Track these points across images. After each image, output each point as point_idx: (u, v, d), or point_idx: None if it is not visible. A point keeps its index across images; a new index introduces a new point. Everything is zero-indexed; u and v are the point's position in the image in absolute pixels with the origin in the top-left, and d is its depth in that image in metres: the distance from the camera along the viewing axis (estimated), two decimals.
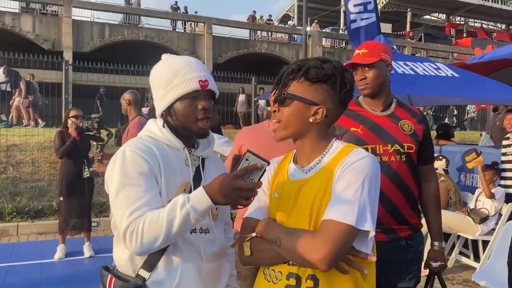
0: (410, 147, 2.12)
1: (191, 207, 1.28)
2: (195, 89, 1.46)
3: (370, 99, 2.21)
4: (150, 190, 1.36)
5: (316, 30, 25.64)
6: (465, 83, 4.24)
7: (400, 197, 2.10)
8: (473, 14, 37.61)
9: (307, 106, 1.35)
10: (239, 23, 25.57)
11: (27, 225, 6.55)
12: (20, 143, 8.64)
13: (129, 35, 20.80)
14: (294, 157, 1.48)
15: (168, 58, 1.54)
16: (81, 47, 19.50)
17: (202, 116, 1.47)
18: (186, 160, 1.50)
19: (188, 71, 1.47)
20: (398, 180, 2.10)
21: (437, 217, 2.25)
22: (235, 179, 1.25)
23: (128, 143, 1.45)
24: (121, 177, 1.37)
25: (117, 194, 1.36)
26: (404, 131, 2.13)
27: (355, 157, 1.32)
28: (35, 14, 19.69)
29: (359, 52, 2.18)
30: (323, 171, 1.36)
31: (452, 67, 4.48)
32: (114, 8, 22.23)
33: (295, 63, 1.39)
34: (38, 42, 18.79)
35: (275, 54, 23.59)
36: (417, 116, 2.22)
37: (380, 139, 2.11)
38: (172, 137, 1.48)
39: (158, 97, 1.51)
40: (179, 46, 21.41)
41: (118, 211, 1.35)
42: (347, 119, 2.17)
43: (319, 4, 32.38)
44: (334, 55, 24.57)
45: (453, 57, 29.25)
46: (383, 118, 2.17)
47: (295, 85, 1.37)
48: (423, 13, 37.54)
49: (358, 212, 1.23)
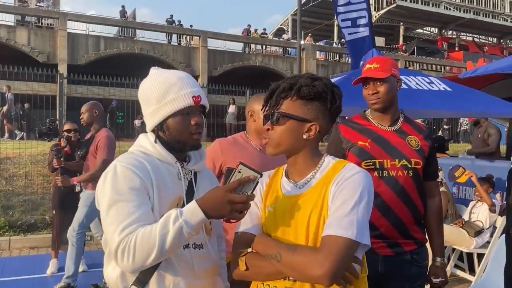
0: (417, 162, 2.13)
1: (184, 221, 1.27)
2: (189, 105, 1.45)
3: (378, 114, 2.21)
4: (142, 205, 1.34)
5: (310, 44, 25.85)
6: (457, 97, 4.28)
7: (406, 212, 2.11)
8: (464, 28, 38.17)
9: (300, 123, 1.38)
10: (234, 36, 25.74)
11: (20, 239, 6.48)
12: (14, 156, 8.58)
13: (124, 48, 20.86)
14: (286, 172, 1.49)
15: (159, 72, 1.53)
16: (76, 60, 19.52)
17: (195, 131, 1.48)
18: (179, 174, 1.49)
19: (182, 87, 1.47)
20: (404, 195, 2.11)
21: (439, 233, 2.26)
22: (228, 192, 1.25)
23: (119, 158, 1.44)
24: (112, 193, 1.35)
25: (108, 210, 1.34)
26: (412, 146, 2.15)
27: (348, 172, 1.34)
28: (30, 27, 19.73)
29: (371, 66, 2.18)
30: (318, 187, 1.37)
31: (445, 81, 4.52)
32: (109, 21, 22.34)
33: (285, 81, 1.41)
34: (33, 55, 18.79)
35: (270, 67, 23.73)
36: (424, 132, 2.23)
37: (388, 153, 2.12)
38: (164, 151, 1.47)
39: (149, 112, 1.50)
40: (174, 59, 21.49)
41: (109, 227, 1.32)
42: (355, 133, 2.18)
43: (313, 18, 32.75)
44: (328, 68, 24.76)
45: (446, 70, 29.55)
46: (391, 133, 2.18)
47: (288, 104, 1.39)
48: (416, 27, 38.05)
49: (357, 225, 1.25)
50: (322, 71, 24.80)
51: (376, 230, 2.05)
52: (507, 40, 41.16)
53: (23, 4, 21.74)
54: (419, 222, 2.18)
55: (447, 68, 30.02)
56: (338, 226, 1.24)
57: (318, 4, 32.69)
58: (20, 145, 9.10)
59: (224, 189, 1.26)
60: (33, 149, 8.82)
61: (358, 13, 5.31)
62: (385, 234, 2.08)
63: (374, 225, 2.04)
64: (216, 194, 1.27)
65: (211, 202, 1.27)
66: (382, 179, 2.09)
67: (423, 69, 27.28)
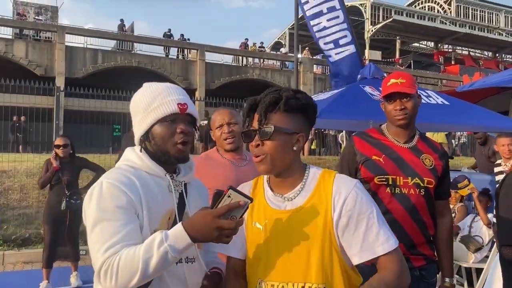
0: (429, 181, 2.11)
1: (169, 245, 1.23)
2: (174, 111, 1.43)
3: (395, 129, 2.18)
4: (128, 224, 1.30)
5: (307, 57, 26.02)
6: (455, 111, 4.28)
7: (416, 230, 2.10)
8: (460, 42, 38.55)
9: (290, 136, 1.39)
10: (232, 50, 25.91)
11: (13, 254, 6.39)
12: (9, 169, 8.52)
13: (122, 61, 20.95)
14: (269, 185, 1.47)
15: (148, 84, 1.53)
16: (73, 73, 19.58)
17: (180, 140, 1.43)
18: (169, 187, 1.46)
19: (167, 95, 1.46)
20: (414, 213, 2.09)
21: (450, 253, 2.23)
22: (216, 217, 1.22)
23: (106, 175, 1.40)
24: (97, 211, 1.31)
25: (93, 228, 1.31)
26: (425, 165, 2.13)
27: (348, 186, 1.38)
28: (28, 40, 19.81)
29: (397, 81, 2.13)
30: (315, 200, 1.37)
31: (442, 95, 4.53)
32: (107, 34, 22.46)
33: (267, 96, 1.40)
34: (30, 68, 18.83)
35: (267, 80, 23.83)
36: (438, 152, 2.21)
37: (401, 170, 2.10)
38: (152, 164, 1.44)
39: (136, 122, 1.49)
40: (172, 73, 21.57)
41: (94, 246, 1.29)
42: (370, 147, 2.16)
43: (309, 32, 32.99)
44: (325, 82, 24.88)
45: (442, 83, 29.78)
46: (406, 150, 2.16)
47: (276, 117, 1.38)
48: (412, 41, 38.40)
49: (390, 232, 1.39)
50: (319, 85, 24.93)
51: None
52: (502, 54, 41.57)
53: (22, 18, 21.87)
54: (429, 240, 2.17)
55: (443, 82, 30.25)
56: (382, 242, 1.35)
57: None
58: (16, 158, 9.05)
59: (213, 214, 1.22)
60: (29, 162, 8.77)
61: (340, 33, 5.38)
62: None
63: None
64: (204, 219, 1.23)
65: (198, 226, 1.23)
66: (394, 196, 2.08)
67: (420, 83, 27.43)
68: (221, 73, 23.23)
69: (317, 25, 5.45)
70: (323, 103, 4.12)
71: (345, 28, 5.34)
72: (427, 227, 2.13)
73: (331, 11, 5.35)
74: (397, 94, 2.12)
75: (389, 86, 2.15)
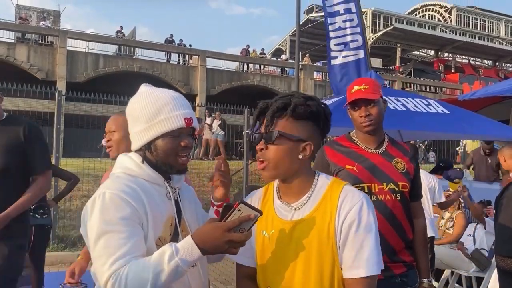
0: (404, 185, 2.12)
1: (180, 259, 1.22)
2: (181, 126, 1.40)
3: (364, 136, 2.18)
4: (133, 236, 1.28)
5: (307, 64, 26.11)
6: (455, 119, 4.30)
7: (395, 236, 2.10)
8: (460, 51, 38.71)
9: (296, 143, 1.36)
10: (233, 56, 26.00)
11: None
12: None
13: (123, 66, 21.01)
14: (278, 193, 1.46)
15: (150, 90, 1.46)
16: (75, 77, 19.63)
17: (182, 154, 1.42)
18: (168, 194, 1.45)
19: (174, 108, 1.41)
20: (393, 219, 2.09)
21: (425, 254, 2.25)
22: (226, 231, 1.21)
23: (107, 185, 1.35)
24: (100, 223, 1.28)
25: (97, 241, 1.27)
26: (398, 169, 2.13)
27: (354, 199, 1.35)
28: (30, 44, 19.88)
29: (361, 88, 2.13)
30: (320, 211, 1.36)
31: (442, 103, 4.54)
32: (109, 39, 22.55)
33: (278, 100, 1.38)
34: (32, 72, 18.89)
35: (268, 87, 23.91)
36: (409, 154, 2.22)
37: (376, 177, 2.10)
38: (152, 172, 1.42)
39: (137, 131, 1.44)
40: (173, 78, 21.63)
41: (98, 260, 1.26)
42: (341, 156, 2.15)
43: (310, 39, 33.15)
44: (326, 88, 24.95)
45: (442, 91, 29.85)
46: (377, 156, 2.15)
47: (283, 123, 1.36)
48: (412, 49, 38.56)
49: (379, 257, 1.36)
50: (319, 91, 24.99)
51: None
52: (502, 63, 41.72)
53: (24, 22, 21.96)
54: (408, 246, 2.16)
55: (443, 90, 30.33)
56: (372, 264, 1.33)
57: (315, 25, 33.16)
58: None
59: (223, 229, 1.21)
60: None
61: (352, 36, 5.39)
62: None
63: None
64: (214, 233, 1.22)
65: (209, 240, 1.23)
66: None
67: (420, 90, 27.54)
68: (222, 79, 23.30)
69: (333, 24, 5.46)
70: None
71: (358, 32, 5.36)
72: (406, 232, 2.14)
73: (347, 12, 5.37)
74: (361, 101, 2.12)
75: (353, 93, 2.14)
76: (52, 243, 6.65)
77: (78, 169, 8.71)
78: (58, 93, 7.38)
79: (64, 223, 7.21)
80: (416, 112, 4.16)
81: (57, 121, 7.49)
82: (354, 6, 5.36)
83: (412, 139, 8.52)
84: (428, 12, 43.62)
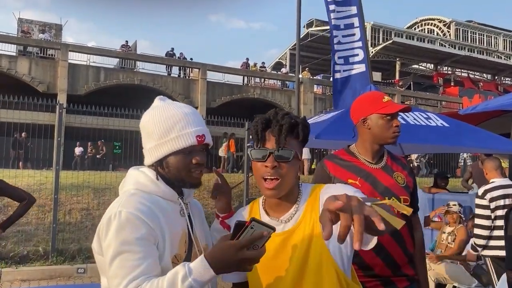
0: (405, 199, 2.12)
1: (194, 280, 1.21)
2: (192, 144, 1.40)
3: (366, 150, 2.18)
4: (148, 256, 1.29)
5: (308, 77, 26.24)
6: (455, 133, 4.30)
7: (398, 250, 2.10)
8: (460, 65, 38.91)
9: (298, 161, 1.43)
10: (233, 69, 26.13)
11: (11, 271, 6.33)
12: None
13: (124, 79, 21.10)
14: (265, 209, 1.48)
15: (164, 106, 1.46)
16: (75, 90, 19.71)
17: (194, 170, 1.42)
18: (181, 211, 1.45)
19: (186, 125, 1.41)
20: (396, 234, 2.08)
21: (423, 266, 2.28)
22: (240, 250, 1.19)
23: (123, 203, 1.35)
24: (116, 243, 1.28)
25: (112, 261, 1.28)
26: (399, 183, 2.14)
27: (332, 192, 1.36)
28: (32, 57, 20.00)
29: (389, 99, 2.17)
30: (305, 220, 1.39)
31: (442, 117, 4.55)
32: (110, 52, 22.68)
33: (284, 118, 1.40)
34: (33, 84, 18.97)
35: (268, 100, 23.99)
36: (407, 168, 2.24)
37: (378, 192, 2.10)
38: (167, 189, 1.42)
39: (150, 147, 1.44)
40: (174, 91, 21.71)
41: (113, 280, 1.27)
42: (343, 170, 2.14)
43: (310, 52, 33.38)
44: (326, 102, 25.04)
45: (442, 105, 29.92)
46: (379, 171, 2.16)
47: (294, 142, 1.41)
48: (412, 62, 38.77)
49: None
50: (319, 105, 25.08)
51: (371, 270, 2.05)
52: (501, 77, 41.92)
53: (26, 35, 22.13)
54: (410, 260, 2.17)
55: (443, 103, 30.41)
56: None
57: (315, 39, 33.43)
58: (17, 174, 9.04)
59: (236, 248, 1.19)
60: (30, 178, 8.76)
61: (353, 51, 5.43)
62: (379, 274, 2.07)
63: (368, 265, 2.04)
64: (228, 252, 1.20)
65: (222, 259, 1.21)
66: None
67: (420, 104, 27.61)
68: (223, 91, 23.39)
69: (336, 37, 5.52)
70: (324, 123, 4.15)
71: (360, 46, 5.40)
72: (407, 246, 2.14)
73: (348, 28, 5.42)
74: (396, 112, 2.15)
75: (389, 103, 2.15)
76: (51, 256, 6.63)
77: (78, 182, 8.72)
78: (59, 105, 7.41)
79: (63, 236, 7.17)
80: (416, 125, 4.17)
81: (58, 134, 7.51)
82: (358, 20, 5.41)
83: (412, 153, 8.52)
84: (427, 26, 43.95)
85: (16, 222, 7.43)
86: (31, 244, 7.02)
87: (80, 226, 7.38)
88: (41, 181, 8.73)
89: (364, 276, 2.03)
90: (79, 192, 8.38)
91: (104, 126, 12.14)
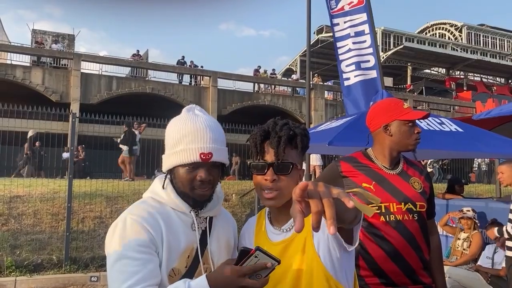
0: (421, 205, 2.10)
1: None
2: (194, 161, 1.38)
3: (384, 155, 2.15)
4: (149, 263, 1.30)
5: (318, 83, 26.21)
6: (469, 138, 4.24)
7: (415, 256, 2.07)
8: (472, 69, 38.57)
9: (297, 171, 1.42)
10: (244, 76, 26.22)
11: (25, 280, 6.38)
12: (23, 194, 8.61)
13: (136, 87, 21.30)
14: (269, 219, 1.49)
15: (184, 116, 1.45)
16: (88, 99, 19.95)
17: (198, 186, 1.40)
18: (193, 225, 1.44)
19: (192, 140, 1.40)
20: (411, 240, 2.07)
21: (441, 271, 2.24)
22: (241, 277, 1.20)
23: (131, 209, 1.39)
24: (119, 247, 1.31)
25: (113, 265, 1.30)
26: (415, 189, 2.11)
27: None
28: (45, 68, 20.31)
29: (409, 106, 2.17)
30: (304, 228, 1.36)
31: (456, 122, 4.50)
32: (122, 61, 22.94)
33: (282, 130, 1.39)
34: (46, 94, 19.25)
35: (278, 106, 23.99)
36: (423, 173, 2.22)
37: (394, 197, 2.08)
38: (178, 200, 1.42)
39: (164, 155, 1.46)
40: (185, 99, 21.84)
41: (113, 284, 1.29)
42: (358, 173, 2.13)
43: (320, 58, 33.36)
44: (337, 107, 24.96)
45: (455, 110, 29.63)
46: (395, 176, 2.13)
47: (293, 153, 1.41)
48: (423, 67, 38.54)
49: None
50: (330, 110, 25.00)
51: (386, 276, 2.02)
52: None
53: (40, 46, 22.50)
54: (426, 266, 2.14)
55: (456, 108, 30.11)
56: None
57: (325, 45, 33.38)
58: (31, 183, 9.15)
59: (238, 274, 1.20)
60: (43, 187, 8.85)
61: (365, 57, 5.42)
62: (395, 280, 2.04)
63: (383, 270, 2.01)
64: (229, 276, 1.21)
65: (222, 282, 1.22)
66: (389, 224, 2.05)
67: (432, 109, 27.37)
68: (233, 99, 23.47)
69: (342, 47, 5.51)
70: (335, 130, 4.12)
71: (370, 52, 5.38)
72: (424, 252, 2.11)
73: (358, 35, 5.42)
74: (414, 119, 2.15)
75: (410, 110, 2.15)
76: (65, 264, 6.67)
77: (91, 190, 8.79)
78: (72, 115, 7.49)
79: (76, 244, 7.21)
80: (429, 130, 4.12)
81: (71, 143, 7.59)
82: (368, 27, 5.40)
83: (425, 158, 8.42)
84: (438, 30, 43.68)
85: (30, 231, 7.52)
86: (45, 253, 7.07)
87: (93, 235, 7.42)
88: (54, 189, 8.81)
89: (380, 284, 2.01)
90: (92, 200, 8.44)
91: (117, 135, 12.27)
